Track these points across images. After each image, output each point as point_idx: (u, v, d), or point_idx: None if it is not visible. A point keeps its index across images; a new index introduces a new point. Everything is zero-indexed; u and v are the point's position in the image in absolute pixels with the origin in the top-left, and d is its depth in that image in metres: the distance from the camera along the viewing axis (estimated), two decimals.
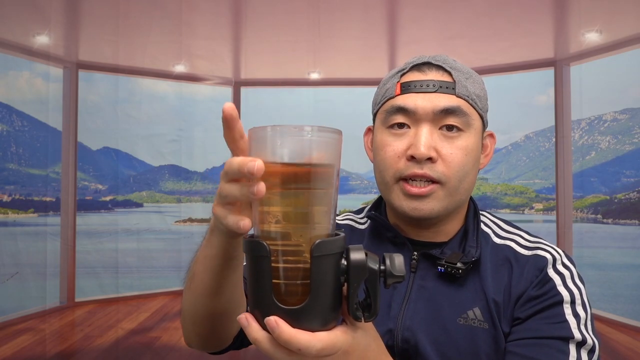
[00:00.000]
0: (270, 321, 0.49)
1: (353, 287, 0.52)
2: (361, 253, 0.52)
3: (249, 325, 0.51)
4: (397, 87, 0.82)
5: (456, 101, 0.79)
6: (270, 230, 0.51)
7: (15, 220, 5.25)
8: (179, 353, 3.79)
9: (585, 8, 4.08)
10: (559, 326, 0.74)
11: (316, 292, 0.50)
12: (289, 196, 0.51)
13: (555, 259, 0.81)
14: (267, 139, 0.51)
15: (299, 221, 0.50)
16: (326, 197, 0.52)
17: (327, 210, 0.52)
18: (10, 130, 5.37)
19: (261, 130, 0.51)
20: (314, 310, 0.50)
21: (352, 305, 0.52)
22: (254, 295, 0.52)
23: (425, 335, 0.79)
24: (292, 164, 0.50)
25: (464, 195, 0.82)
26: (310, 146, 0.50)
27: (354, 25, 4.61)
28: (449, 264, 0.80)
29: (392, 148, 0.81)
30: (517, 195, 7.29)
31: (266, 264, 0.50)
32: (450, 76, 0.81)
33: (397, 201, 0.81)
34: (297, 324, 0.50)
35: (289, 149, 0.51)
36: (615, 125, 6.72)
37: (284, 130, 0.50)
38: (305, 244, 0.50)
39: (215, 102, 6.39)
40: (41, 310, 4.76)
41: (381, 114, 0.84)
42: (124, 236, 6.27)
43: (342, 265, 0.52)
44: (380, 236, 0.89)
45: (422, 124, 0.79)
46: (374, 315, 0.53)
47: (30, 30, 4.58)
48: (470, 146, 0.80)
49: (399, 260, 0.53)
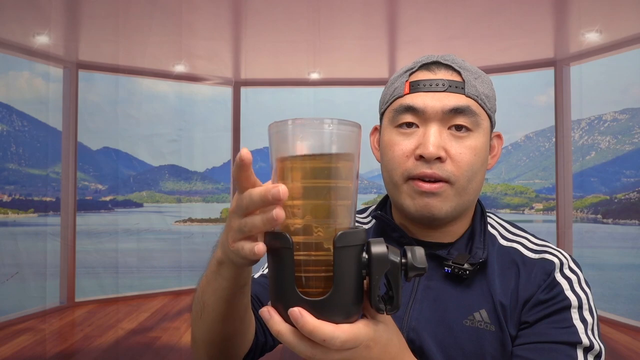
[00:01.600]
0: (294, 312, 0.49)
1: (375, 279, 0.52)
2: (382, 246, 0.52)
3: (271, 318, 0.51)
4: (406, 86, 0.82)
5: (465, 101, 0.79)
6: (294, 224, 0.51)
7: (15, 220, 5.25)
8: (179, 353, 3.79)
9: (585, 8, 4.08)
10: (566, 331, 0.74)
11: (339, 283, 0.50)
12: (311, 190, 0.51)
13: (563, 263, 0.81)
14: (288, 132, 0.51)
15: (321, 215, 0.51)
16: (347, 191, 0.52)
17: (348, 204, 0.52)
18: (10, 130, 5.37)
19: (282, 124, 0.51)
20: (337, 302, 0.50)
21: (374, 298, 0.52)
22: (277, 287, 0.52)
23: (430, 336, 0.78)
24: (313, 156, 0.51)
25: (472, 195, 0.82)
26: (330, 139, 0.51)
27: (354, 25, 4.61)
28: (456, 265, 0.79)
29: (400, 147, 0.80)
30: (517, 195, 7.29)
31: (289, 255, 0.50)
32: (460, 76, 0.81)
33: (406, 200, 0.81)
34: (320, 316, 0.50)
35: (310, 141, 0.51)
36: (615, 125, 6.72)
37: (305, 123, 0.50)
38: (327, 236, 0.50)
39: (215, 102, 6.39)
40: (41, 310, 4.76)
41: (389, 113, 0.84)
42: (124, 236, 6.27)
43: (364, 259, 0.52)
44: (386, 236, 0.88)
45: (431, 123, 0.79)
46: (396, 308, 0.53)
47: (30, 30, 4.58)
48: (479, 146, 0.80)
49: (420, 253, 0.54)
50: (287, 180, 0.51)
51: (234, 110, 6.01)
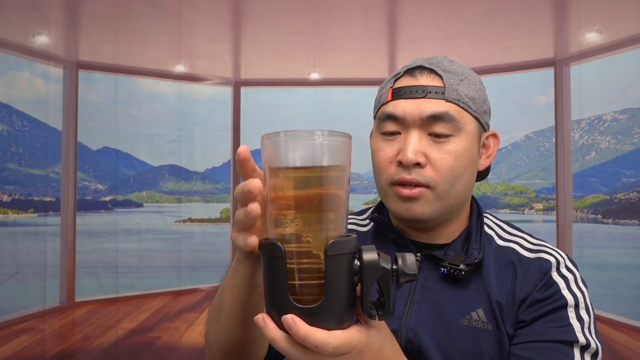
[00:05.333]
0: (287, 319, 0.50)
1: (366, 286, 0.53)
2: (374, 253, 0.53)
3: (265, 325, 0.52)
4: (389, 93, 0.84)
5: (445, 106, 0.80)
6: (285, 233, 0.52)
7: (15, 220, 5.26)
8: (179, 353, 3.79)
9: (585, 8, 4.08)
10: (563, 330, 0.75)
11: (331, 290, 0.51)
12: (302, 199, 0.52)
13: (559, 262, 0.82)
14: (280, 144, 0.53)
15: (312, 223, 0.52)
16: (338, 200, 0.53)
17: (339, 212, 0.54)
18: (10, 130, 5.37)
19: (274, 136, 0.53)
20: (329, 309, 0.52)
21: (365, 305, 0.53)
22: (271, 295, 0.53)
23: (428, 336, 0.79)
24: (305, 168, 0.53)
25: (457, 199, 0.83)
26: (321, 150, 0.52)
27: (354, 25, 4.61)
28: (452, 266, 0.80)
29: (384, 153, 0.83)
30: (517, 195, 7.29)
31: (282, 264, 0.51)
32: (441, 80, 0.82)
33: (392, 204, 0.83)
34: (313, 323, 0.51)
35: (301, 152, 0.52)
36: (615, 125, 6.72)
37: (296, 135, 0.52)
38: (319, 245, 0.52)
39: (215, 102, 6.39)
40: (41, 310, 4.76)
41: (376, 120, 0.87)
42: (124, 236, 6.28)
43: (355, 266, 0.53)
44: (384, 238, 0.90)
45: (411, 130, 0.80)
46: (388, 313, 0.54)
47: (30, 30, 4.58)
48: (460, 150, 0.81)
49: (411, 259, 0.55)
50: (279, 190, 0.53)
51: (234, 110, 6.01)
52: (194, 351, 3.81)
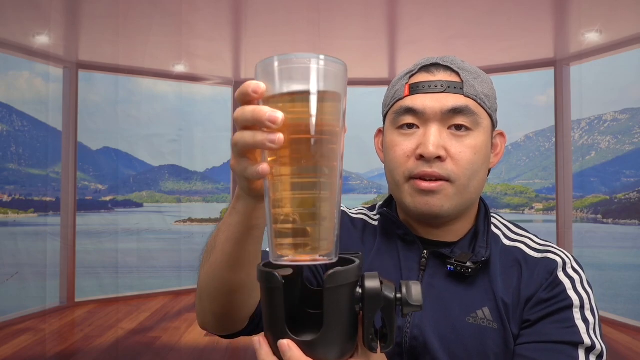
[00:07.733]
0: (282, 344, 0.50)
1: (368, 317, 0.50)
2: (376, 281, 0.51)
3: (260, 347, 0.52)
4: (405, 88, 0.83)
5: (464, 101, 0.80)
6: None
7: (15, 220, 5.25)
8: (179, 353, 3.79)
9: (585, 8, 4.08)
10: (568, 331, 0.75)
11: (329, 324, 0.49)
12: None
13: (565, 263, 0.82)
14: (275, 69, 0.49)
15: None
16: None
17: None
18: (10, 130, 5.37)
19: (268, 62, 0.50)
20: (328, 341, 0.49)
21: (367, 337, 0.51)
22: (268, 324, 0.52)
23: (433, 333, 0.79)
24: (299, 92, 0.49)
25: (474, 194, 0.83)
26: (317, 74, 0.49)
27: (354, 26, 4.61)
28: (459, 263, 0.80)
29: (401, 148, 0.82)
30: (517, 195, 7.28)
31: (279, 295, 0.49)
32: (458, 76, 0.82)
33: (408, 199, 0.82)
34: (312, 355, 0.49)
35: (296, 77, 0.50)
36: (615, 125, 6.71)
37: (290, 60, 0.49)
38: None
39: (215, 102, 6.39)
40: (41, 310, 4.76)
41: (391, 115, 0.85)
42: (124, 236, 6.27)
43: (357, 294, 0.50)
44: (391, 233, 0.90)
45: (431, 123, 0.80)
46: (390, 345, 0.52)
47: (30, 30, 4.58)
48: (479, 145, 0.81)
49: (416, 289, 0.52)
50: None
51: (234, 110, 5.99)
52: (194, 351, 3.80)
